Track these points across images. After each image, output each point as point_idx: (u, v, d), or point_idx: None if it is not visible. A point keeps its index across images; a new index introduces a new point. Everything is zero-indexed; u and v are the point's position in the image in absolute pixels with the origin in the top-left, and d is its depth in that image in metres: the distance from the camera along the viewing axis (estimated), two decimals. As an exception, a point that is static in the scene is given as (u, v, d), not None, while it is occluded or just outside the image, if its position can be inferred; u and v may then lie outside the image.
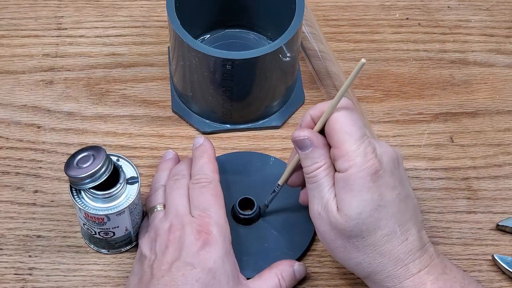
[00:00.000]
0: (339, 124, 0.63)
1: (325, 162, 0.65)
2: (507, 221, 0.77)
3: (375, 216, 0.63)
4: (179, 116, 0.83)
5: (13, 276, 0.73)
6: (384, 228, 0.63)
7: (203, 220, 0.68)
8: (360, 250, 0.64)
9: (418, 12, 0.93)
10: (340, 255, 0.66)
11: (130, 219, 0.70)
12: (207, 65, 0.75)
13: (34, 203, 0.77)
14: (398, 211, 0.64)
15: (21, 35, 0.89)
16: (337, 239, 0.65)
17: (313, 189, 0.65)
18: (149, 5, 0.92)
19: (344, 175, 0.63)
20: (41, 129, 0.82)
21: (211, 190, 0.70)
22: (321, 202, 0.65)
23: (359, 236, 0.63)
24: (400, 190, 0.64)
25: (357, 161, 0.62)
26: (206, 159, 0.72)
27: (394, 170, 0.64)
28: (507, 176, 0.80)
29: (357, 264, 0.65)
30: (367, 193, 0.62)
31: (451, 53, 0.89)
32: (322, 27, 0.89)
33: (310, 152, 0.65)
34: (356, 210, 0.62)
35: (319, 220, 0.65)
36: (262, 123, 0.83)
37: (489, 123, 0.84)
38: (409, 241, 0.64)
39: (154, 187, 0.74)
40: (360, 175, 0.62)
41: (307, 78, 0.87)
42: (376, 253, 0.64)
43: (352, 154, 0.62)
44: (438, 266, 0.65)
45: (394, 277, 0.64)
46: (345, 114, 0.64)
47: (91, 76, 0.86)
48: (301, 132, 0.65)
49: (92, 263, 0.74)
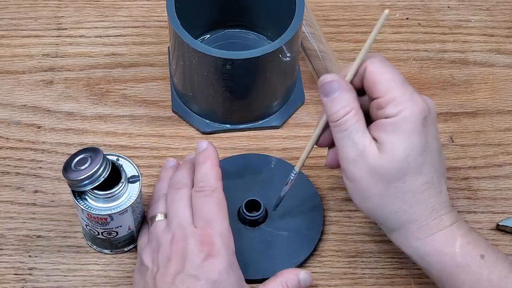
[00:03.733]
0: (378, 74, 0.63)
1: (353, 106, 0.63)
2: (507, 221, 0.77)
3: (419, 161, 0.62)
4: (179, 116, 0.83)
5: (13, 276, 0.73)
6: (426, 175, 0.63)
7: (206, 231, 0.66)
8: (398, 196, 0.63)
9: (418, 12, 0.93)
10: (375, 203, 0.64)
11: (132, 218, 0.70)
12: (207, 65, 0.75)
13: (34, 203, 0.77)
14: (437, 162, 0.64)
15: (21, 35, 0.89)
16: (375, 185, 0.63)
17: (344, 137, 0.63)
18: (149, 5, 0.92)
19: (395, 119, 0.62)
20: (41, 129, 0.82)
21: (215, 199, 0.68)
22: (356, 148, 0.63)
23: (401, 180, 0.63)
24: (439, 143, 0.64)
25: (407, 105, 0.62)
26: (210, 166, 0.70)
27: (434, 121, 0.64)
28: (507, 176, 0.80)
29: (392, 212, 0.64)
30: (416, 136, 0.62)
31: (451, 53, 0.89)
32: (322, 27, 0.89)
33: (338, 96, 0.63)
34: (404, 152, 0.62)
35: (354, 167, 0.63)
36: (262, 123, 0.83)
37: (489, 123, 0.84)
38: (443, 193, 0.64)
39: (155, 195, 0.73)
40: (411, 118, 0.62)
41: (307, 78, 0.87)
42: (414, 200, 0.63)
43: (400, 98, 0.62)
44: (465, 224, 0.65)
45: (427, 228, 0.64)
46: (380, 64, 0.63)
47: (91, 76, 0.86)
48: (328, 75, 0.64)
49: (92, 263, 0.74)
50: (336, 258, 0.75)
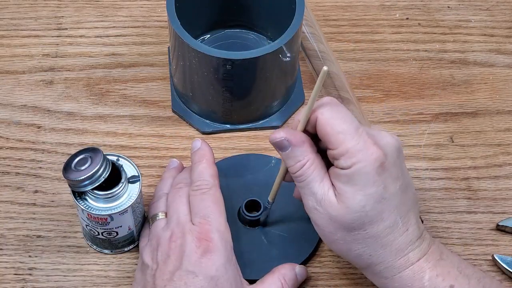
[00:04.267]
0: (329, 126, 0.62)
1: (308, 158, 0.63)
2: (507, 221, 0.77)
3: (378, 209, 0.62)
4: (179, 116, 0.83)
5: (13, 276, 0.73)
6: (387, 220, 0.63)
7: (203, 228, 0.67)
8: (360, 242, 0.63)
9: (418, 12, 0.93)
10: (339, 247, 0.65)
11: (133, 218, 0.70)
12: (207, 65, 0.75)
13: (34, 203, 0.77)
14: (400, 203, 0.63)
15: (21, 35, 0.89)
16: (336, 231, 0.64)
17: (303, 187, 0.64)
18: (149, 5, 0.92)
19: (348, 172, 0.61)
20: (41, 129, 0.82)
21: (211, 196, 0.69)
22: (315, 198, 0.64)
23: (361, 229, 0.63)
24: (402, 181, 0.64)
25: (360, 157, 0.61)
26: (205, 164, 0.72)
27: (396, 160, 0.63)
28: (507, 176, 0.80)
29: (357, 256, 0.65)
30: (372, 186, 0.61)
31: (451, 53, 0.89)
32: (322, 27, 0.89)
33: (290, 152, 0.64)
34: (359, 203, 0.62)
35: (315, 214, 0.64)
36: (262, 123, 0.83)
37: (489, 123, 0.84)
38: (409, 231, 0.64)
39: (156, 195, 0.74)
40: (365, 170, 0.61)
41: (307, 78, 0.87)
42: (377, 244, 0.63)
43: (352, 150, 0.61)
44: (435, 252, 0.65)
45: (393, 268, 0.64)
46: (332, 113, 0.62)
47: (91, 76, 0.86)
48: (277, 134, 0.64)
49: (92, 263, 0.74)
50: (336, 258, 0.75)
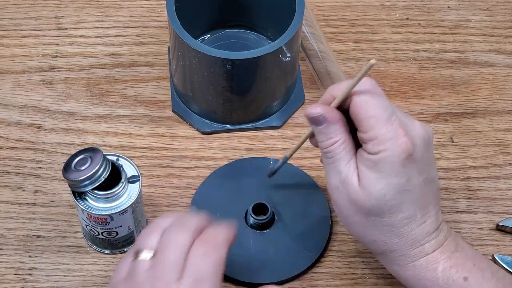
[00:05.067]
0: (362, 109, 0.61)
1: (340, 137, 0.63)
2: (507, 221, 0.77)
3: (398, 199, 0.62)
4: (179, 116, 0.83)
5: (13, 276, 0.73)
6: (405, 212, 0.62)
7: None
8: (377, 228, 0.63)
9: (418, 12, 0.93)
10: (356, 229, 0.65)
11: (133, 218, 0.70)
12: (207, 65, 0.75)
13: (34, 203, 0.77)
14: (421, 196, 0.63)
15: (21, 35, 0.89)
16: (355, 214, 0.63)
17: (330, 164, 0.63)
18: (149, 5, 0.92)
19: (374, 158, 0.61)
20: (41, 129, 0.82)
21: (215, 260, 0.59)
22: (339, 177, 0.63)
23: (379, 216, 0.62)
24: (427, 174, 0.63)
25: (388, 146, 0.60)
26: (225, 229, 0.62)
27: (424, 153, 0.63)
28: (507, 176, 0.80)
29: (372, 241, 0.64)
30: (395, 177, 0.61)
31: (451, 53, 0.89)
32: (322, 27, 0.89)
33: (324, 128, 0.63)
34: (380, 191, 0.61)
35: (337, 193, 0.64)
36: (262, 123, 0.83)
37: (489, 123, 0.84)
38: (427, 223, 0.63)
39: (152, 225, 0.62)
40: (391, 159, 0.60)
41: (307, 78, 0.87)
42: (393, 233, 0.63)
43: (382, 138, 0.60)
44: (451, 244, 0.64)
45: (408, 256, 0.64)
46: (367, 97, 0.61)
47: (91, 76, 0.86)
48: (313, 109, 0.63)
49: (92, 263, 0.74)
50: (336, 258, 0.75)
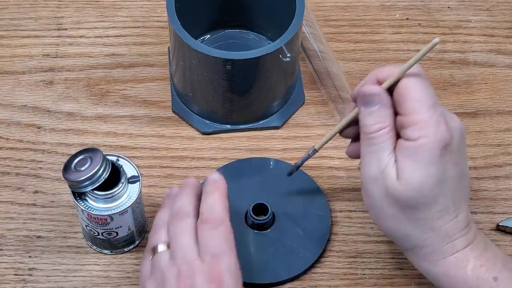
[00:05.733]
0: (409, 91, 0.60)
1: (389, 123, 0.61)
2: (508, 221, 0.77)
3: (435, 191, 0.61)
4: (179, 116, 0.83)
5: (13, 277, 0.73)
6: (440, 204, 0.62)
7: (214, 268, 0.61)
8: (411, 222, 0.62)
9: (418, 12, 0.93)
10: (388, 224, 0.64)
11: (132, 218, 0.70)
12: (207, 65, 0.75)
13: (34, 204, 0.77)
14: (455, 189, 0.62)
15: (21, 35, 0.89)
16: (389, 207, 0.62)
17: (371, 152, 0.62)
18: (149, 5, 0.92)
19: (414, 144, 0.60)
20: (41, 129, 0.82)
21: (222, 232, 0.63)
22: (379, 166, 0.62)
23: (415, 208, 0.62)
24: (461, 167, 0.63)
25: (429, 131, 0.60)
26: (217, 197, 0.64)
27: (460, 147, 0.62)
28: (507, 176, 0.80)
29: (404, 235, 0.64)
30: (434, 166, 0.60)
31: (451, 53, 0.89)
32: (322, 27, 0.89)
33: (377, 110, 0.61)
34: (419, 182, 0.60)
35: (373, 185, 0.62)
36: (262, 123, 0.83)
37: (489, 123, 0.84)
38: (459, 218, 0.63)
39: (156, 224, 0.66)
40: (430, 146, 0.60)
41: (307, 78, 0.87)
42: (427, 227, 0.62)
43: (424, 123, 0.60)
44: (481, 243, 0.64)
45: (439, 252, 0.63)
46: (415, 80, 0.60)
47: (91, 77, 0.86)
48: (372, 87, 0.61)
49: (92, 264, 0.74)
50: (336, 259, 0.75)
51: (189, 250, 0.62)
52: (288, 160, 0.79)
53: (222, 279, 0.61)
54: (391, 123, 0.62)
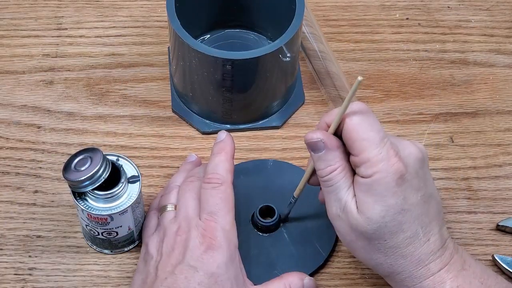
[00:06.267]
0: (355, 132, 0.62)
1: (339, 164, 0.63)
2: (507, 221, 0.77)
3: (398, 220, 0.62)
4: (179, 116, 0.83)
5: (13, 276, 0.73)
6: (407, 231, 0.62)
7: (209, 224, 0.66)
8: (381, 251, 0.63)
9: (418, 12, 0.93)
10: (361, 255, 0.65)
11: (132, 218, 0.70)
12: (207, 65, 0.75)
13: (34, 203, 0.77)
14: (421, 213, 0.63)
15: (21, 35, 0.89)
16: (357, 240, 0.64)
17: (330, 192, 0.64)
18: (149, 5, 0.92)
19: (368, 181, 0.61)
20: (41, 129, 0.82)
21: (221, 192, 0.68)
22: (339, 205, 0.64)
23: (381, 239, 0.63)
24: (425, 191, 0.63)
25: (380, 167, 0.61)
26: (223, 157, 0.70)
27: (419, 171, 0.63)
28: (507, 176, 0.80)
29: (378, 264, 0.65)
30: (391, 197, 0.61)
31: (451, 53, 0.89)
32: (322, 27, 0.89)
33: (324, 154, 0.63)
34: (379, 214, 0.62)
35: (338, 221, 0.64)
36: (262, 123, 0.83)
37: (489, 123, 0.84)
38: (430, 241, 0.63)
39: (169, 186, 0.73)
40: (385, 180, 0.61)
41: (307, 78, 0.87)
42: (398, 255, 0.63)
43: (374, 160, 0.61)
44: (457, 262, 0.64)
45: (414, 277, 0.64)
46: (360, 120, 0.62)
47: (91, 76, 0.86)
48: (314, 134, 0.63)
49: (92, 263, 0.74)
50: (336, 259, 0.75)
51: (190, 209, 0.68)
52: (288, 160, 0.79)
53: (215, 235, 0.66)
54: (343, 163, 0.63)
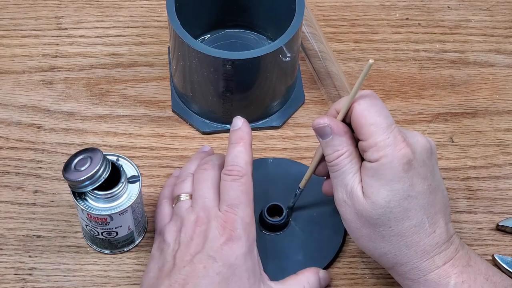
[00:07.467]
0: (363, 118, 0.62)
1: (347, 149, 0.64)
2: (507, 221, 0.77)
3: (403, 206, 0.62)
4: (179, 116, 0.83)
5: (13, 276, 0.73)
6: (413, 219, 0.63)
7: (229, 216, 0.66)
8: (386, 239, 0.63)
9: (418, 12, 0.93)
10: (365, 244, 0.65)
11: (132, 218, 0.70)
12: (207, 65, 0.75)
13: (34, 203, 0.77)
14: (427, 203, 0.63)
15: (21, 35, 0.89)
16: (362, 227, 0.64)
17: (337, 177, 0.65)
18: (149, 5, 0.92)
19: (375, 165, 0.62)
20: (41, 129, 0.82)
21: (242, 185, 0.67)
22: (345, 190, 0.64)
23: (386, 225, 0.63)
24: (431, 181, 0.63)
25: (388, 151, 0.61)
26: (242, 148, 0.68)
27: (426, 161, 0.63)
28: (507, 176, 0.80)
29: (382, 254, 0.65)
30: (397, 182, 0.62)
31: (451, 53, 0.89)
32: (322, 27, 0.89)
33: (331, 140, 0.64)
34: (385, 199, 0.62)
35: (344, 207, 0.65)
36: (262, 123, 0.83)
37: (489, 123, 0.84)
38: (436, 233, 0.63)
39: (182, 174, 0.73)
40: (391, 165, 0.61)
41: (307, 78, 0.87)
42: (403, 244, 0.63)
43: (381, 144, 0.61)
44: (463, 258, 0.64)
45: (419, 270, 0.64)
46: (368, 105, 0.63)
47: (91, 76, 0.86)
48: (321, 119, 0.64)
49: (92, 263, 0.74)
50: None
51: (208, 199, 0.68)
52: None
53: (234, 227, 0.66)
54: (350, 148, 0.64)
